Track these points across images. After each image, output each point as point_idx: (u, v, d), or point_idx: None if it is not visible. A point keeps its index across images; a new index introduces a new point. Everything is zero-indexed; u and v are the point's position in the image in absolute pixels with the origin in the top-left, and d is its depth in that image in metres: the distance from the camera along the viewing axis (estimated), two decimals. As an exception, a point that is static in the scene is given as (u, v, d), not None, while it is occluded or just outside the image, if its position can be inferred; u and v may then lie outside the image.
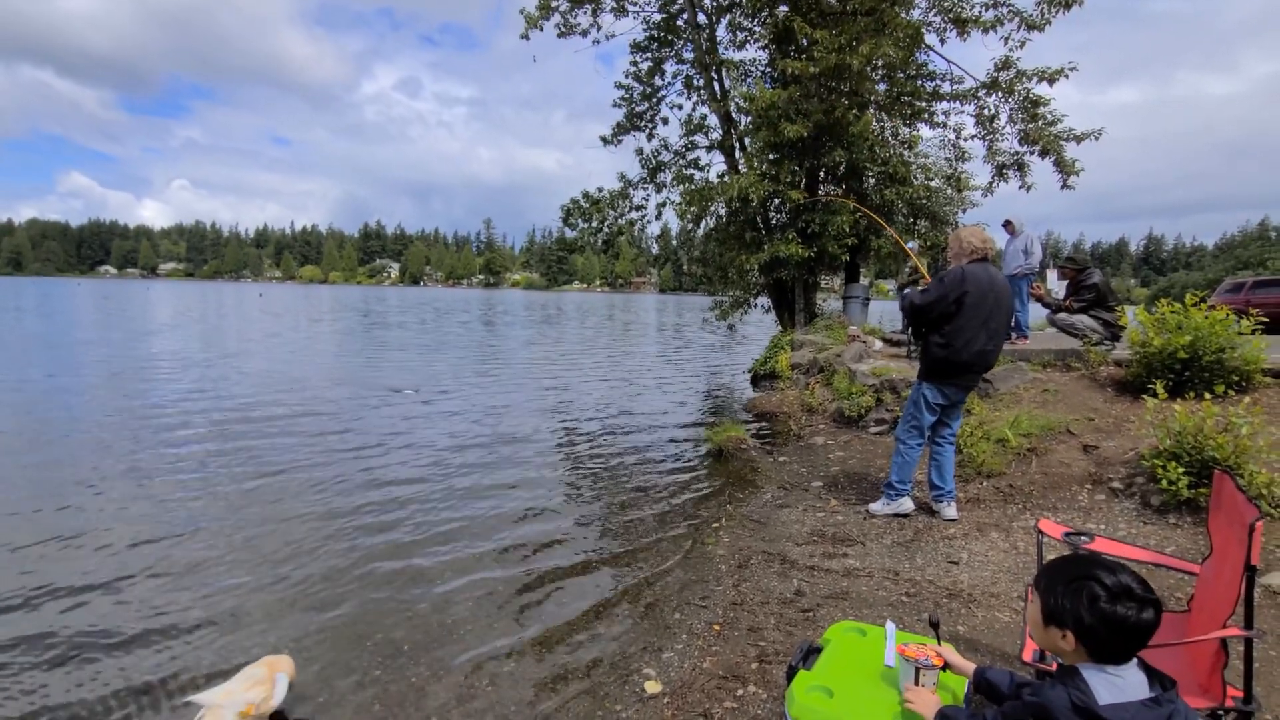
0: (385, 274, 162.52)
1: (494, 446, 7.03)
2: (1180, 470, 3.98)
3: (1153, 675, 1.26)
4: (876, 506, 4.61)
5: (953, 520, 4.38)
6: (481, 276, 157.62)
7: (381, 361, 14.60)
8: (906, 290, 4.43)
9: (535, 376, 13.08)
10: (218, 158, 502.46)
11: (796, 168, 10.83)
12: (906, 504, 4.52)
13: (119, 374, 11.27)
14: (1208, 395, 4.55)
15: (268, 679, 2.39)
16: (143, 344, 16.62)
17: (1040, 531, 2.49)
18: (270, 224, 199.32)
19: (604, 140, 13.56)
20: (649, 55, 13.04)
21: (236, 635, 3.19)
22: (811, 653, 2.02)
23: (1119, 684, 1.23)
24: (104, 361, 12.86)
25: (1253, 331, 5.24)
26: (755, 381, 11.83)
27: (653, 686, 2.75)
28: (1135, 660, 1.28)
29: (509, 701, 2.71)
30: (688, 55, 12.80)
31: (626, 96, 13.29)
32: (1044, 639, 1.37)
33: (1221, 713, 1.80)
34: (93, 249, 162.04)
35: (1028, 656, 2.10)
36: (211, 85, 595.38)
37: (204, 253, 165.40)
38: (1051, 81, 10.59)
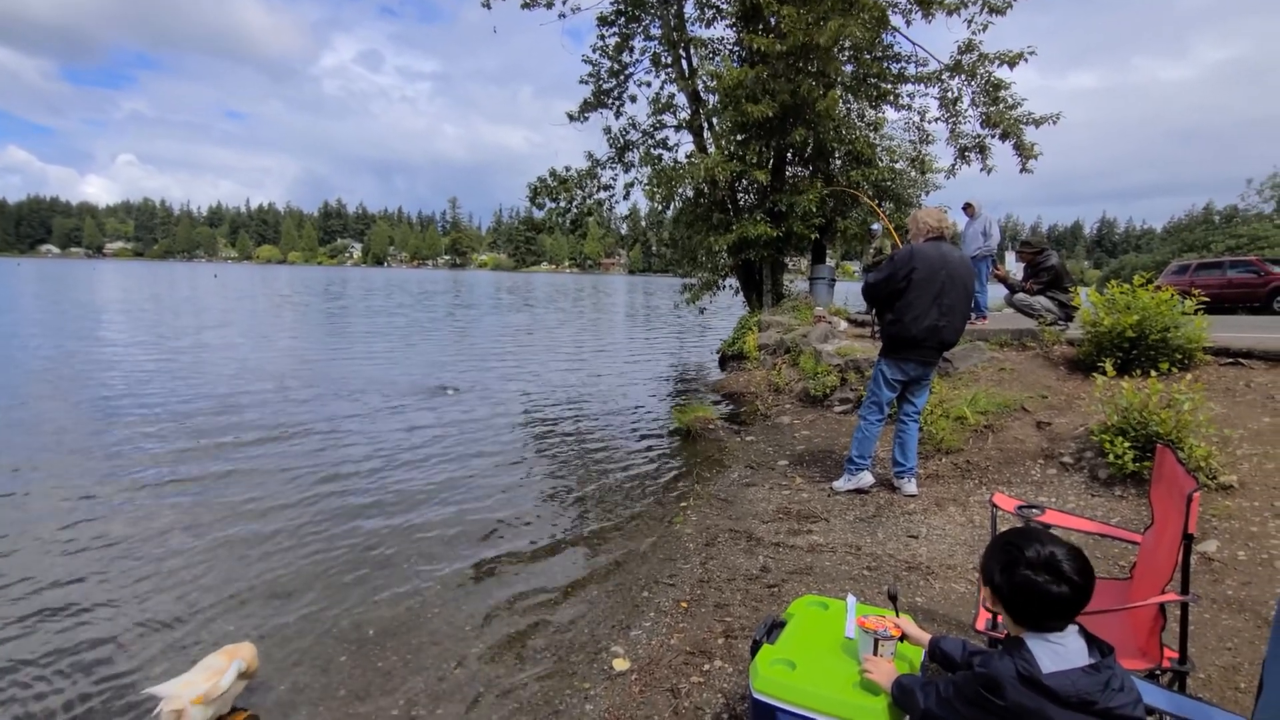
0: (347, 254, 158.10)
1: (460, 430, 6.96)
2: (1126, 445, 4.15)
3: (1092, 642, 1.33)
4: (839, 483, 4.71)
5: (912, 496, 4.50)
6: (447, 257, 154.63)
7: (348, 349, 14.29)
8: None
9: (502, 358, 12.96)
10: (166, 131, 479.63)
11: (764, 148, 10.84)
12: (866, 478, 4.63)
13: (69, 357, 10.80)
14: (1153, 373, 4.75)
15: (228, 669, 2.35)
16: (92, 328, 15.93)
17: (994, 505, 2.57)
18: (225, 202, 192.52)
19: (570, 117, 13.36)
20: (616, 30, 12.83)
21: (197, 625, 3.12)
22: (775, 627, 2.07)
23: (1061, 652, 1.29)
24: (55, 345, 12.30)
25: (1195, 312, 5.46)
26: (723, 362, 11.93)
27: (621, 664, 2.79)
28: (1076, 628, 1.34)
29: (477, 683, 2.71)
30: (655, 31, 12.64)
31: (594, 73, 13.08)
32: (986, 598, 1.46)
33: (1159, 673, 1.90)
34: (33, 227, 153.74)
35: (980, 625, 2.18)
36: (159, 55, 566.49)
37: (153, 231, 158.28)
38: (1012, 65, 10.77)
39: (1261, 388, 4.97)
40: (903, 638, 1.83)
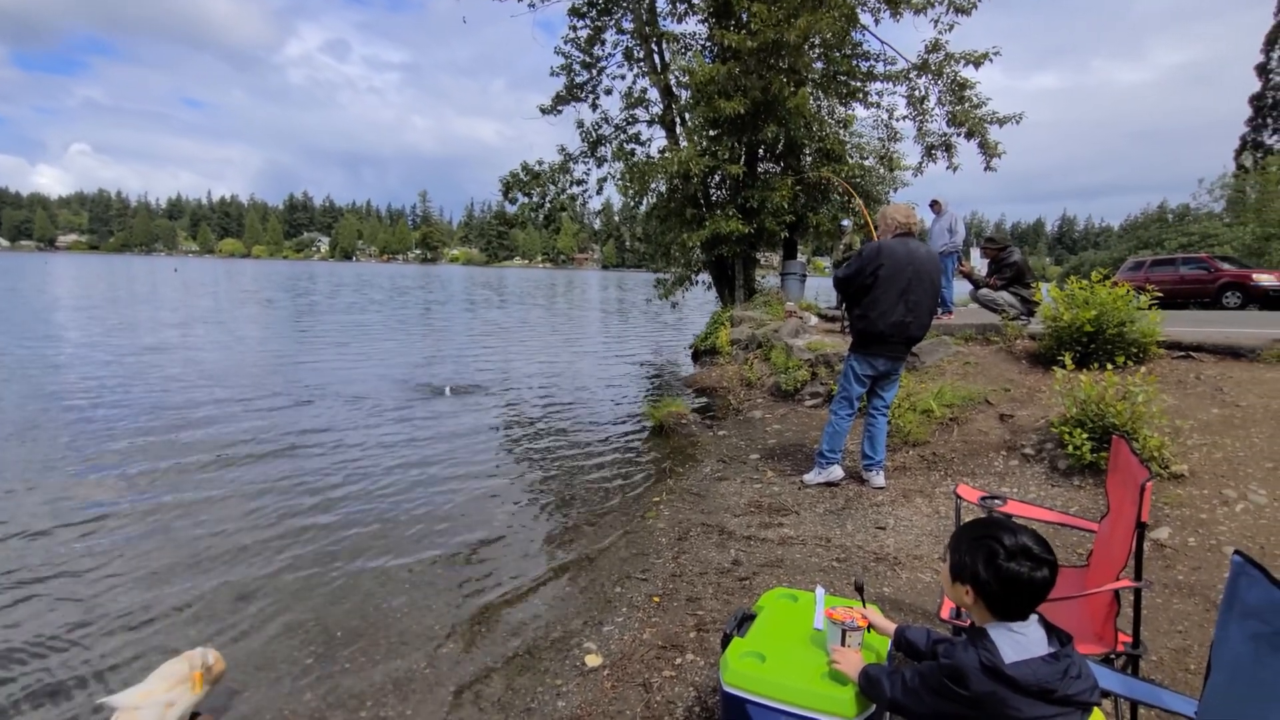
0: (314, 248, 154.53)
1: (430, 426, 6.87)
2: (1084, 436, 4.28)
3: (1051, 631, 1.36)
4: (810, 476, 4.77)
5: (881, 489, 4.58)
6: (418, 251, 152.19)
7: (306, 345, 13.98)
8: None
9: (475, 353, 12.82)
10: (122, 120, 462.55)
11: (736, 143, 10.89)
12: (836, 472, 4.69)
13: (15, 359, 10.37)
14: (1110, 366, 4.90)
15: (189, 676, 2.28)
16: (44, 327, 15.32)
17: (959, 496, 2.63)
18: (185, 193, 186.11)
19: (543, 110, 13.24)
20: (588, 23, 12.75)
21: (158, 630, 3.03)
22: (745, 620, 2.08)
23: (1022, 641, 1.32)
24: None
25: (1149, 306, 5.65)
26: (696, 357, 11.97)
27: (593, 659, 2.78)
28: (1036, 617, 1.37)
29: (448, 682, 2.68)
30: (627, 25, 12.59)
31: (566, 65, 12.98)
32: (953, 594, 1.46)
33: (1114, 657, 1.97)
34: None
35: (945, 614, 2.23)
36: (114, 40, 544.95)
37: (109, 224, 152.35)
38: (977, 65, 10.99)
39: (1210, 380, 5.17)
40: (870, 628, 1.86)
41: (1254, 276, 14.23)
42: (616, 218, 16.23)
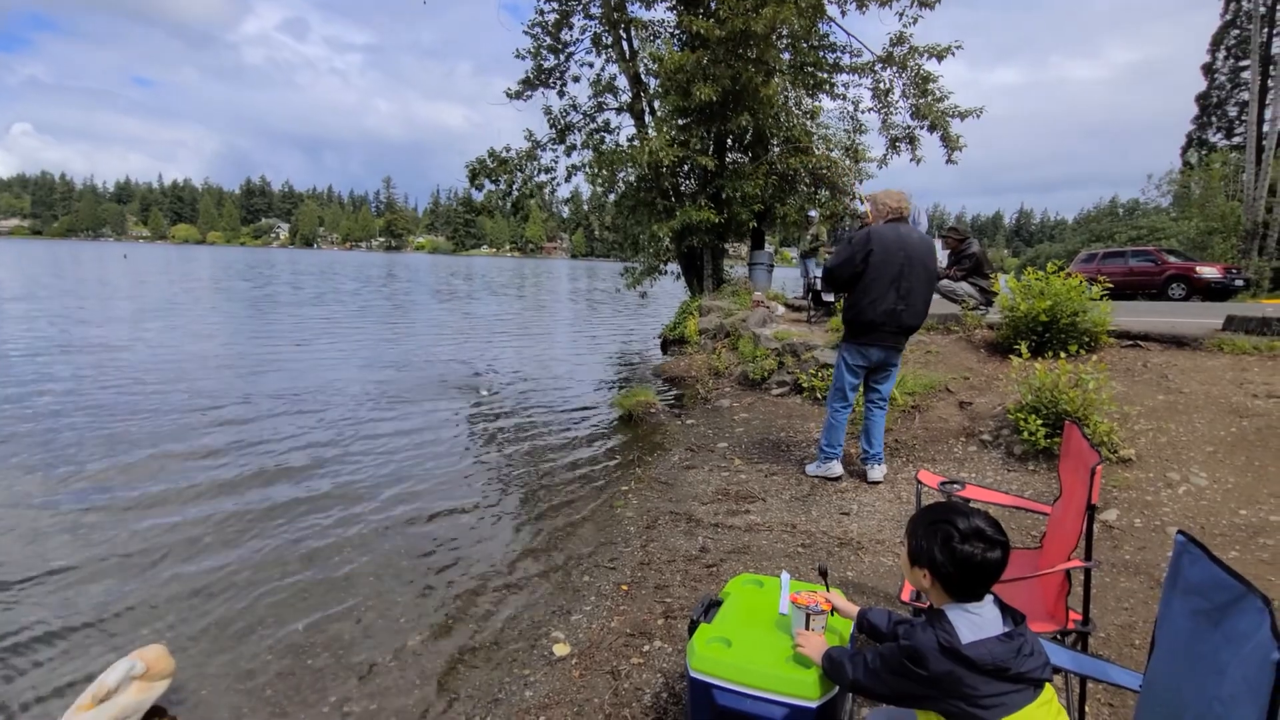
0: (273, 235, 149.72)
1: (397, 416, 6.75)
2: (1039, 422, 4.42)
3: (1005, 610, 1.40)
4: (810, 468, 4.68)
5: (877, 483, 4.47)
6: (382, 239, 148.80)
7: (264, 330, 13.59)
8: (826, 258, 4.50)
9: (441, 343, 12.63)
10: (67, 99, 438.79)
11: (705, 133, 10.89)
12: (835, 468, 4.54)
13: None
14: (1063, 354, 5.07)
15: (126, 682, 2.18)
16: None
17: (919, 482, 2.69)
18: (134, 176, 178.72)
19: (509, 95, 13.04)
20: (555, 6, 12.57)
21: (107, 629, 2.92)
22: (712, 606, 2.10)
23: (978, 621, 1.36)
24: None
25: (1100, 297, 5.85)
26: (665, 347, 12.01)
27: (561, 649, 2.78)
28: (991, 598, 1.41)
29: (414, 676, 2.65)
30: (595, 10, 12.44)
31: (533, 49, 12.78)
32: (911, 577, 1.50)
33: (1065, 634, 2.04)
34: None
35: (905, 596, 2.28)
36: (57, 16, 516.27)
37: (53, 208, 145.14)
38: (940, 58, 11.18)
39: (1156, 367, 5.39)
40: (833, 611, 1.89)
41: (1197, 269, 14.87)
42: (585, 206, 16.12)
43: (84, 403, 6.76)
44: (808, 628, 1.82)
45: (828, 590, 1.97)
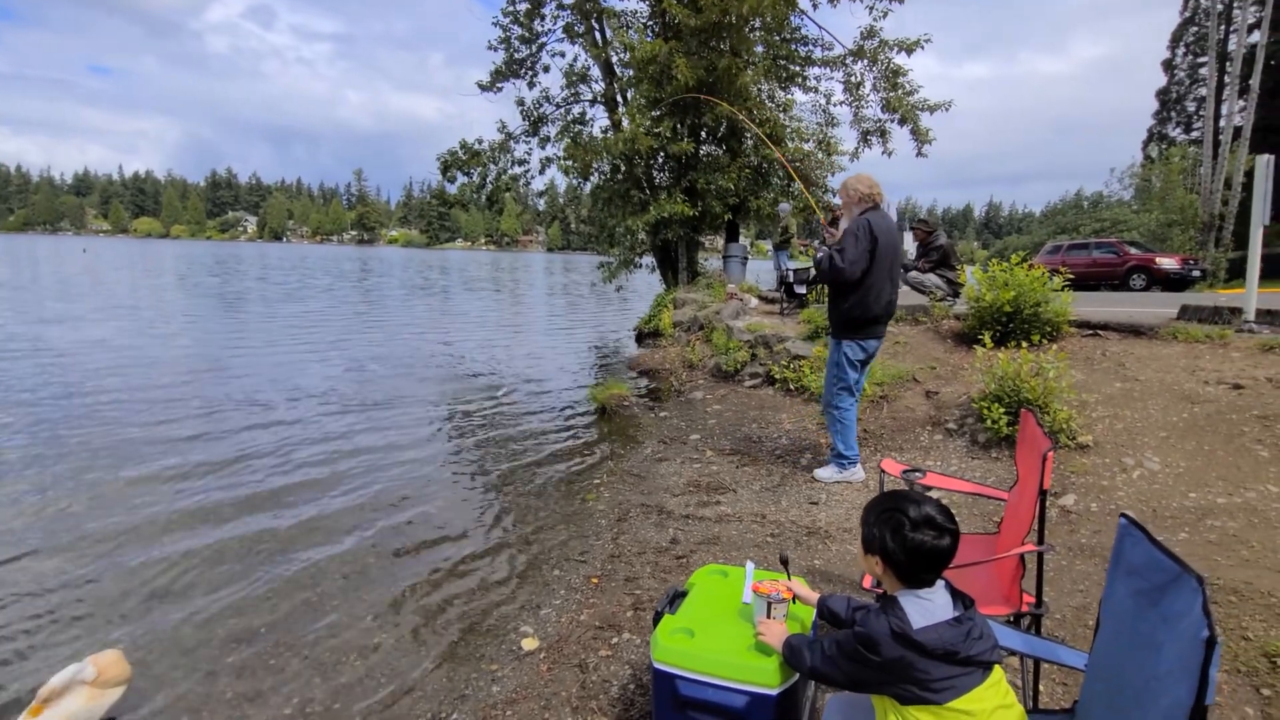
0: (241, 228, 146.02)
1: (366, 409, 6.66)
2: (1001, 410, 4.51)
3: (956, 595, 1.43)
4: (825, 474, 4.40)
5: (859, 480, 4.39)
6: (354, 233, 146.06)
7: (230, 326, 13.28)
8: (819, 255, 4.15)
9: (415, 336, 12.46)
10: (22, 88, 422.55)
11: (679, 124, 10.87)
12: (858, 473, 4.34)
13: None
14: (1025, 344, 5.17)
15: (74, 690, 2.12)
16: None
17: (883, 470, 2.73)
18: (93, 168, 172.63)
19: (481, 86, 12.87)
20: (526, -4, 12.42)
21: (59, 634, 2.84)
22: (677, 597, 2.11)
23: (929, 607, 1.38)
24: None
25: (1062, 288, 5.99)
26: (640, 339, 12.00)
27: (530, 643, 2.77)
28: (942, 583, 1.44)
29: (379, 674, 2.62)
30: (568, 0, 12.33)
31: (505, 39, 12.62)
32: (865, 565, 1.52)
33: (1019, 617, 2.09)
34: None
35: (867, 584, 2.32)
36: (13, 4, 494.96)
37: (8, 201, 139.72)
38: (910, 52, 11.29)
39: (1115, 356, 5.53)
40: (794, 599, 1.91)
41: (1157, 260, 15.32)
42: (561, 199, 16.01)
43: (41, 415, 6.54)
44: (769, 616, 1.84)
45: (789, 578, 1.99)
